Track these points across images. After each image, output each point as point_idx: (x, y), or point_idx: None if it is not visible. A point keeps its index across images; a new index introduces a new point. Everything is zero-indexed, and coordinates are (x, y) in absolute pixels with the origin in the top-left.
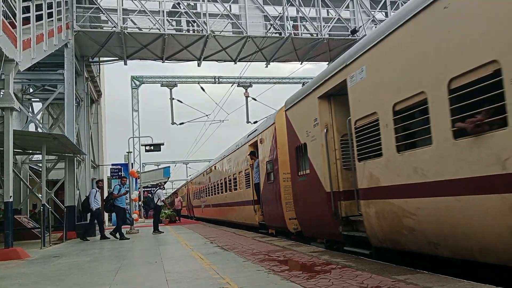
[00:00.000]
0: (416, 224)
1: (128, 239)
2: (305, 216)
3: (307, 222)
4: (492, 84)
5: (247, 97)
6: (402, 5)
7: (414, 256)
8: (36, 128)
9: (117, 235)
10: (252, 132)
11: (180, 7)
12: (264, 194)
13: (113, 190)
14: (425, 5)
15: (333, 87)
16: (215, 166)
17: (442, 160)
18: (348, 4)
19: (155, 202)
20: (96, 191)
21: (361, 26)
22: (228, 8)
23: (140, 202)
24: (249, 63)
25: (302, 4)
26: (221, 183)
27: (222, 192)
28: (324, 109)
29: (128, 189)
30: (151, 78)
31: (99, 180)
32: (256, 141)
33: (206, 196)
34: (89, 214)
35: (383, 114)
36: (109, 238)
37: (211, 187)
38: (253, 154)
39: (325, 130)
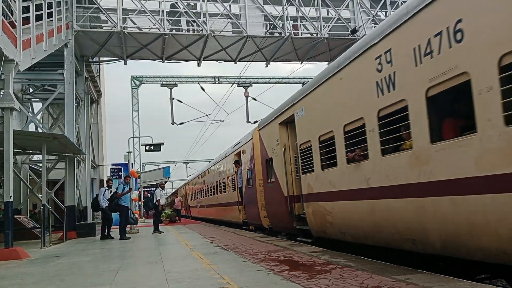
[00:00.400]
0: (332, 219)
1: (129, 238)
2: (273, 214)
3: (275, 219)
4: (362, 131)
5: (247, 97)
6: (402, 4)
7: (337, 242)
8: (36, 128)
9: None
10: (237, 144)
11: (179, 6)
12: (245, 197)
13: (117, 189)
14: (330, 75)
15: (287, 118)
16: (208, 171)
17: (342, 176)
18: (348, 3)
19: (154, 202)
20: (105, 189)
21: (361, 26)
22: (228, 7)
23: (140, 202)
24: (249, 63)
25: (302, 3)
26: (213, 186)
27: (213, 194)
28: (283, 132)
29: (132, 187)
30: (151, 78)
31: (109, 179)
32: (240, 151)
33: (201, 197)
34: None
35: (314, 142)
36: (113, 238)
37: (205, 189)
38: (237, 163)
39: (283, 149)
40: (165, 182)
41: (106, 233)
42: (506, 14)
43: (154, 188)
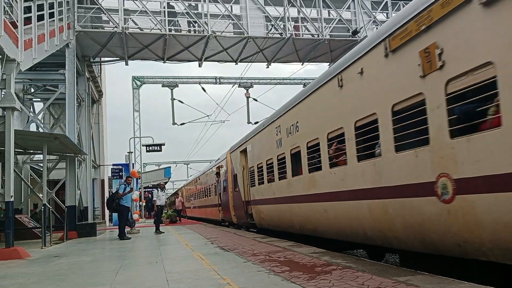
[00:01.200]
0: (265, 216)
1: (129, 238)
2: (238, 213)
3: (238, 217)
4: (271, 165)
5: (248, 97)
6: (403, 6)
7: (267, 230)
8: (37, 128)
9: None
10: (218, 160)
11: (180, 7)
12: (222, 200)
13: (118, 189)
14: (259, 130)
15: (244, 149)
16: (199, 178)
17: (266, 190)
18: (349, 5)
19: (152, 202)
20: (125, 185)
21: (362, 27)
22: (229, 8)
23: (141, 202)
24: (250, 63)
25: (303, 4)
26: (202, 191)
27: (202, 198)
28: (243, 158)
29: (133, 187)
30: (152, 78)
31: (128, 176)
32: (219, 166)
33: (194, 199)
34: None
35: (255, 167)
36: (130, 238)
37: (196, 193)
38: (217, 174)
39: (242, 168)
40: (165, 183)
41: (121, 233)
42: (310, 123)
43: (154, 189)
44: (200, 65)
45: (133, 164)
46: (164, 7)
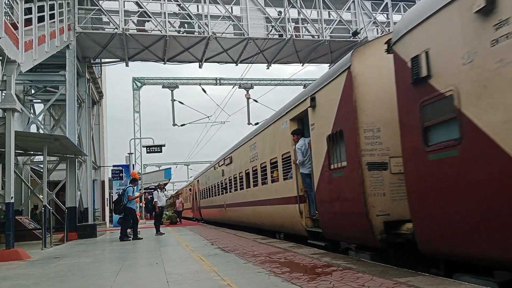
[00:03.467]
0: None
1: (130, 238)
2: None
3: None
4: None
5: (248, 98)
6: (404, 7)
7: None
8: (38, 129)
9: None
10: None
11: (179, 7)
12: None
13: (126, 192)
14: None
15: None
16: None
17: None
18: (350, 6)
19: (153, 204)
20: (133, 188)
21: (362, 28)
22: (230, 9)
23: (141, 204)
24: (250, 64)
25: (303, 6)
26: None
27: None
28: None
29: (140, 191)
30: (153, 79)
31: (134, 179)
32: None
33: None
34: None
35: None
36: (142, 238)
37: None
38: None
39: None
40: (165, 184)
41: (135, 233)
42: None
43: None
44: (200, 66)
45: (133, 165)
46: (164, 9)
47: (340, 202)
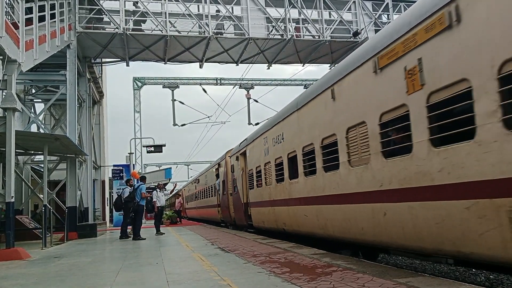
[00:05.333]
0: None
1: (130, 237)
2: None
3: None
4: (260, 172)
5: (248, 98)
6: (404, 7)
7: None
8: (38, 129)
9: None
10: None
11: (179, 7)
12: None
13: (140, 189)
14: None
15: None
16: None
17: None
18: (350, 6)
19: (152, 203)
20: (129, 189)
21: (363, 28)
22: (230, 10)
23: None
24: (251, 64)
25: (304, 6)
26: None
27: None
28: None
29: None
30: (153, 79)
31: (142, 177)
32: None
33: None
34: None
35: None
36: (145, 238)
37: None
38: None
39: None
40: (165, 184)
41: (137, 233)
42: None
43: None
44: (201, 66)
45: (133, 165)
46: (165, 8)
47: None
